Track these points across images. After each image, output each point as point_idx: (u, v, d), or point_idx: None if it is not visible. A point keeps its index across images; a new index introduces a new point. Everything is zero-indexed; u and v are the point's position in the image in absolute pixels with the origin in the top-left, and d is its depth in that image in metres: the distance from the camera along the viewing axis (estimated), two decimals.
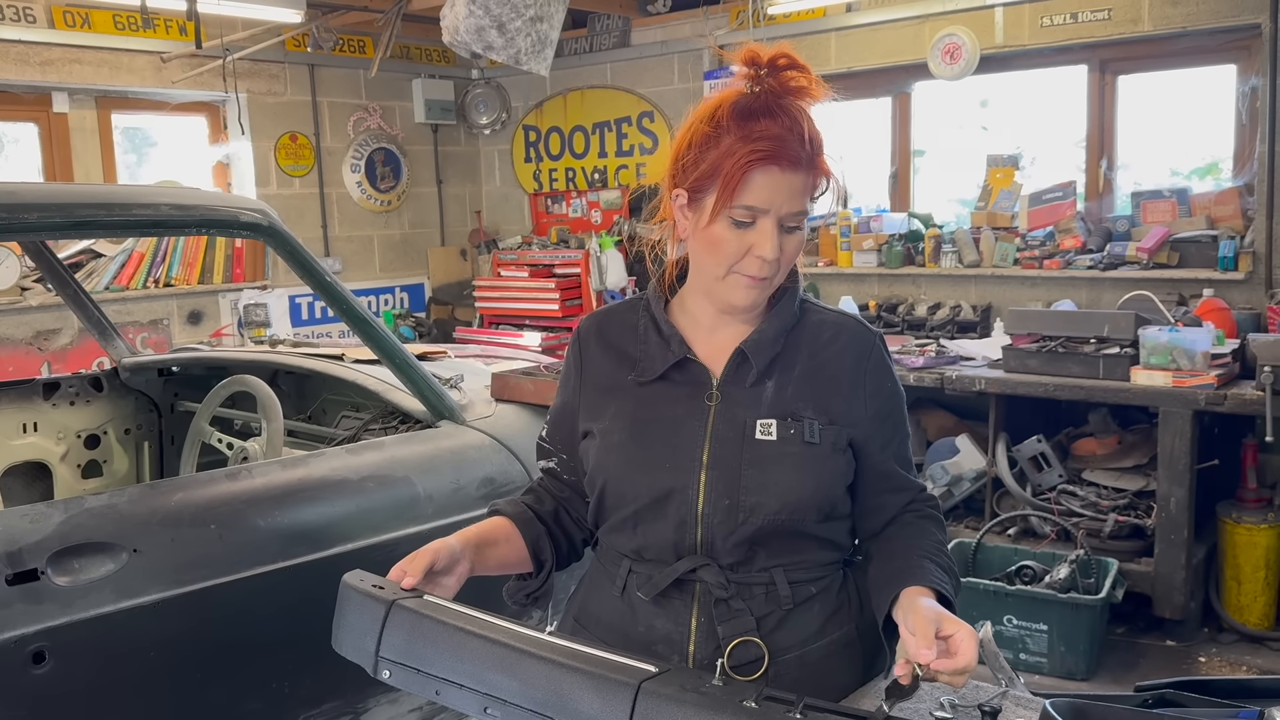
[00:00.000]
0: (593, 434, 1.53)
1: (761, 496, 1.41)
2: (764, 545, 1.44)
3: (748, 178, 1.36)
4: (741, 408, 1.45)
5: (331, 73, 6.22)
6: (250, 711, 2.01)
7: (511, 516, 1.56)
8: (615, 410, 1.51)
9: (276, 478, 2.17)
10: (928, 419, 4.80)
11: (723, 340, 1.50)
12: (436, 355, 3.28)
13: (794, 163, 1.37)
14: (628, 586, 1.50)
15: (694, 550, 1.44)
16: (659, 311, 1.53)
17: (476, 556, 1.46)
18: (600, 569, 1.57)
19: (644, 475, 1.46)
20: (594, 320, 1.62)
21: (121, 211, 2.00)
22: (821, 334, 1.51)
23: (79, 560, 1.81)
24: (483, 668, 1.19)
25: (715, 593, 1.43)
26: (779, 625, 1.45)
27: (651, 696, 1.09)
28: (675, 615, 1.46)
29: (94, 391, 3.21)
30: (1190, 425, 3.68)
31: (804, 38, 5.35)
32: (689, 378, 1.49)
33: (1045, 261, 4.76)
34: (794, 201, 1.39)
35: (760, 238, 1.39)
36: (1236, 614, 3.92)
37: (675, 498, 1.44)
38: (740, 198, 1.37)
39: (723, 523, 1.42)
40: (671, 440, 1.46)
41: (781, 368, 1.48)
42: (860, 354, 1.50)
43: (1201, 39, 4.47)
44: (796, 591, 1.46)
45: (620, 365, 1.54)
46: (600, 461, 1.50)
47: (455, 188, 7.00)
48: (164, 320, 5.57)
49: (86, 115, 5.41)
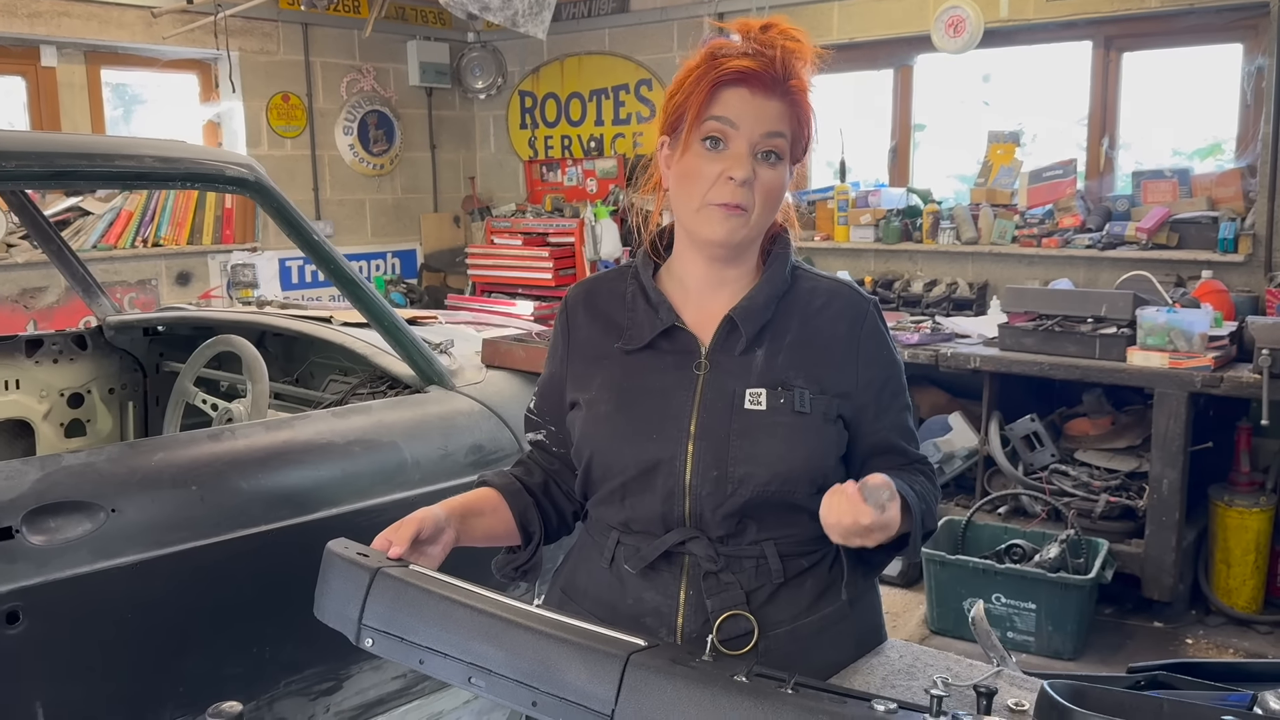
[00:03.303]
0: (580, 404, 1.50)
1: (751, 467, 1.38)
2: (754, 518, 1.40)
3: (715, 94, 1.35)
4: (731, 376, 1.42)
5: (325, 32, 6.13)
6: (230, 676, 1.98)
7: (499, 488, 1.53)
8: (602, 380, 1.48)
9: (261, 439, 2.13)
10: (921, 396, 4.77)
11: (712, 308, 1.46)
12: (427, 320, 3.24)
13: (765, 85, 1.35)
14: (615, 559, 1.47)
15: (682, 522, 1.41)
16: (647, 279, 1.49)
17: (462, 526, 1.44)
18: (589, 540, 1.54)
19: (631, 446, 1.42)
20: (581, 289, 1.59)
21: (104, 162, 1.95)
22: (814, 301, 1.47)
23: (55, 519, 1.77)
24: (468, 637, 1.16)
25: (704, 565, 1.41)
26: (770, 599, 1.42)
27: (640, 669, 1.06)
28: (664, 588, 1.43)
29: (78, 350, 3.16)
30: (1185, 407, 3.66)
31: (807, 7, 5.28)
32: (677, 346, 1.45)
33: (1044, 240, 4.72)
34: (765, 123, 1.36)
35: (731, 159, 1.36)
36: (1225, 597, 3.92)
37: (662, 469, 1.40)
38: (710, 115, 1.35)
39: (711, 494, 1.39)
40: (659, 410, 1.42)
41: (772, 336, 1.44)
42: (854, 321, 1.46)
43: (1208, 16, 4.42)
44: (788, 566, 1.42)
45: (608, 334, 1.50)
46: (587, 432, 1.47)
47: (449, 153, 6.93)
48: (152, 280, 5.51)
49: (75, 70, 5.32)
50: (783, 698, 1.00)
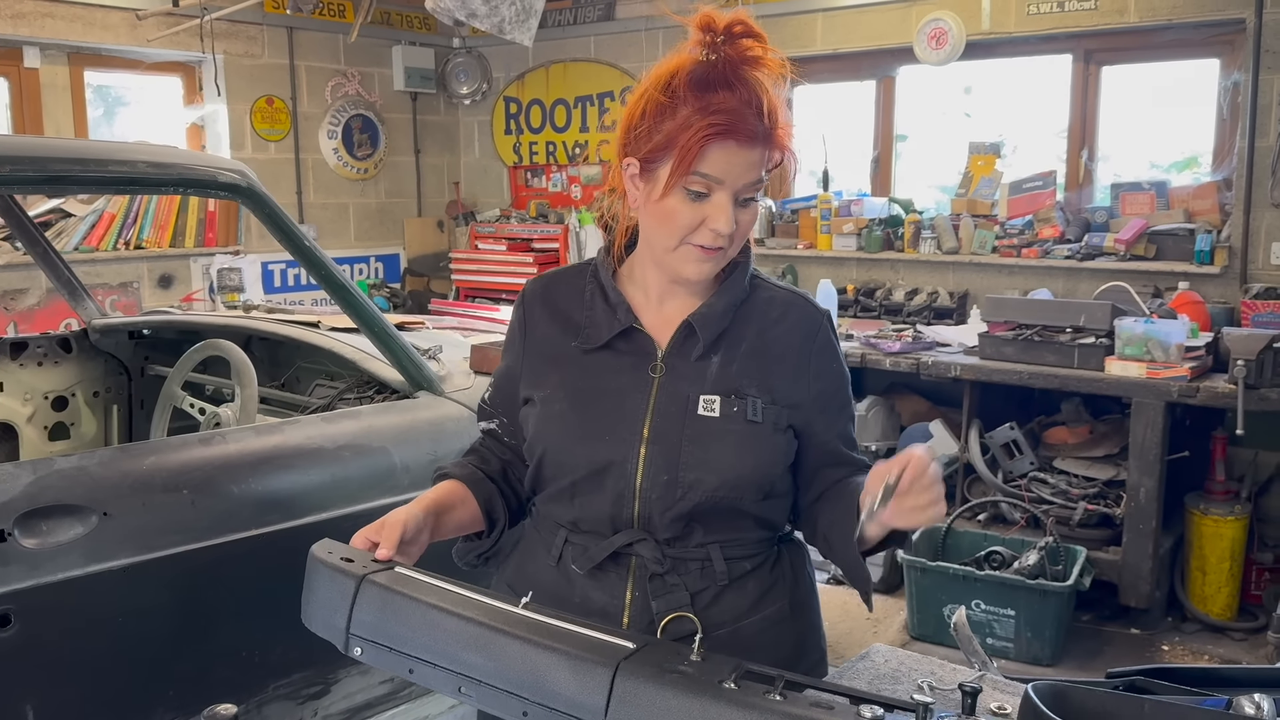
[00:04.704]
0: (534, 401, 1.50)
1: (701, 473, 1.40)
2: (701, 521, 1.42)
3: (704, 150, 1.33)
4: (685, 381, 1.44)
5: (310, 36, 6.12)
6: (219, 680, 1.99)
7: (462, 479, 1.53)
8: (558, 379, 1.48)
9: (251, 444, 2.14)
10: (902, 404, 4.82)
11: (670, 312, 1.48)
12: (414, 326, 3.25)
13: (751, 137, 1.34)
14: (563, 557, 1.47)
15: (631, 524, 1.43)
16: (607, 279, 1.50)
17: (437, 523, 1.45)
18: (536, 537, 1.54)
19: (583, 446, 1.44)
20: (540, 284, 1.59)
21: (97, 167, 1.95)
22: (770, 311, 1.49)
23: (47, 522, 1.77)
24: (457, 646, 1.15)
25: (651, 567, 1.42)
26: (714, 601, 1.44)
27: (630, 678, 1.06)
28: (610, 588, 1.44)
29: (62, 353, 3.15)
30: (1162, 416, 3.71)
31: (790, 17, 5.32)
32: (634, 347, 1.47)
33: (1023, 250, 4.78)
34: (750, 174, 1.36)
35: (715, 210, 1.36)
36: (1200, 604, 3.97)
37: (614, 470, 1.42)
38: (696, 171, 1.34)
39: (661, 498, 1.40)
40: (613, 412, 1.44)
41: (728, 343, 1.46)
42: (808, 334, 1.49)
43: (1186, 32, 4.49)
44: (732, 568, 1.45)
45: (565, 332, 1.50)
46: (540, 430, 1.48)
47: (433, 158, 6.93)
48: (134, 283, 5.48)
49: (58, 72, 5.30)
50: (770, 705, 1.02)
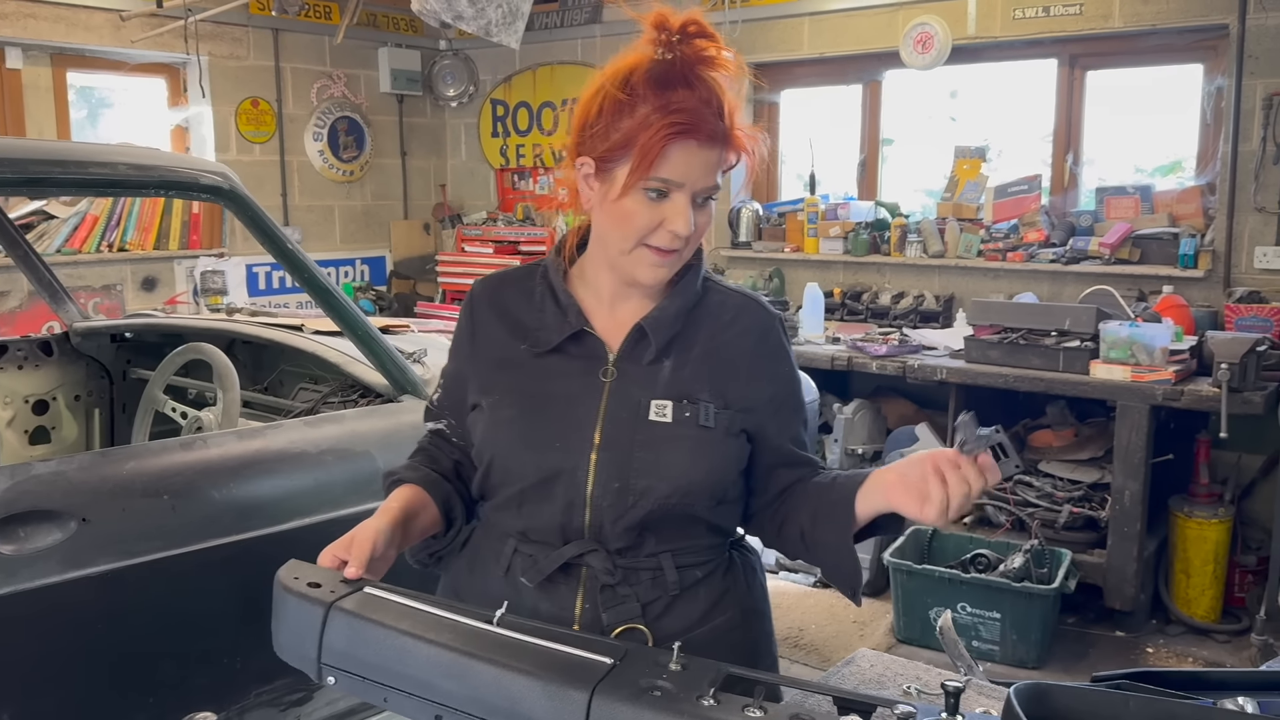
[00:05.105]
0: (482, 407, 1.47)
1: (652, 480, 1.37)
2: (653, 530, 1.40)
3: (665, 151, 1.30)
4: (637, 386, 1.41)
5: (296, 38, 6.10)
6: (200, 687, 1.97)
7: (417, 483, 1.49)
8: (506, 383, 1.45)
9: (233, 448, 2.12)
10: (888, 407, 4.82)
11: (623, 315, 1.45)
12: (399, 329, 3.23)
13: (711, 137, 1.33)
14: (512, 568, 1.44)
15: (581, 534, 1.40)
16: (557, 280, 1.47)
17: (403, 533, 1.42)
18: (485, 545, 1.50)
19: (532, 454, 1.40)
20: (488, 285, 1.55)
21: (78, 169, 1.94)
22: (723, 315, 1.47)
23: (25, 529, 1.75)
24: (429, 674, 1.12)
25: (602, 578, 1.39)
26: (665, 611, 1.41)
27: (607, 700, 1.03)
28: (560, 600, 1.41)
29: (43, 356, 3.12)
30: (1147, 420, 3.72)
31: (777, 21, 5.33)
32: (585, 351, 1.44)
33: (1009, 254, 4.79)
34: (708, 176, 1.35)
35: (674, 212, 1.34)
36: (1184, 606, 3.99)
37: (564, 479, 1.39)
38: (656, 171, 1.32)
39: (612, 506, 1.38)
40: (563, 418, 1.41)
41: (680, 347, 1.44)
42: (760, 337, 1.47)
43: (1170, 37, 4.51)
44: (683, 576, 1.42)
45: (514, 335, 1.47)
46: (488, 436, 1.44)
47: (420, 160, 6.91)
48: (117, 286, 5.45)
49: (41, 73, 5.26)
50: None
